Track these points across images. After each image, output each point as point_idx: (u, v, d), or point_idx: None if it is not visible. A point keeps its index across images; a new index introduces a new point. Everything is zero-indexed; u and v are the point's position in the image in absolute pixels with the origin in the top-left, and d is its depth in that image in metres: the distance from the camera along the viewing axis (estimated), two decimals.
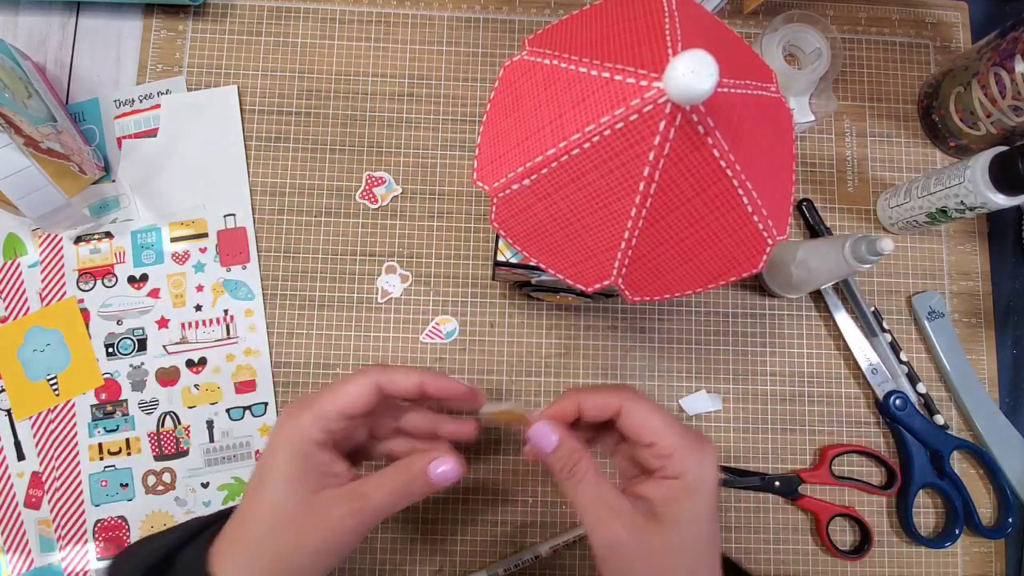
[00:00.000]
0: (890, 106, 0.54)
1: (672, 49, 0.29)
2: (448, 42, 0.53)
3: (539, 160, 0.31)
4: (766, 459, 0.49)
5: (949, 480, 0.48)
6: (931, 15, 0.55)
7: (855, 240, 0.40)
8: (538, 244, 0.35)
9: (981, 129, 0.48)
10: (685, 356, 0.50)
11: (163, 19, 0.52)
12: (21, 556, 0.46)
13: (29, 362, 0.48)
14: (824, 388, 0.50)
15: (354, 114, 0.52)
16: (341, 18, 0.53)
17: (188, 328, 0.49)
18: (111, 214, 0.49)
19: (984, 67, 0.46)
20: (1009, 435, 0.49)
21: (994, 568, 0.49)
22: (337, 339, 0.49)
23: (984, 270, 0.52)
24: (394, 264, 0.50)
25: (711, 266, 0.33)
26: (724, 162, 0.29)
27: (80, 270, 0.49)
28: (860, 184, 0.53)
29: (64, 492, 0.47)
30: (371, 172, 0.51)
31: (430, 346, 0.50)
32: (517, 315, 0.50)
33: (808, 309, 0.51)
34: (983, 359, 0.51)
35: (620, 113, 0.28)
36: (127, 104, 0.51)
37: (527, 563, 0.46)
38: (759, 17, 0.55)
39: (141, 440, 0.48)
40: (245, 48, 0.52)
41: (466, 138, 0.52)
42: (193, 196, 0.50)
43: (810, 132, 0.53)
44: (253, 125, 0.51)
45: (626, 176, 0.30)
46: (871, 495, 0.49)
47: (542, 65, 0.33)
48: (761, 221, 0.31)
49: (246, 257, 0.50)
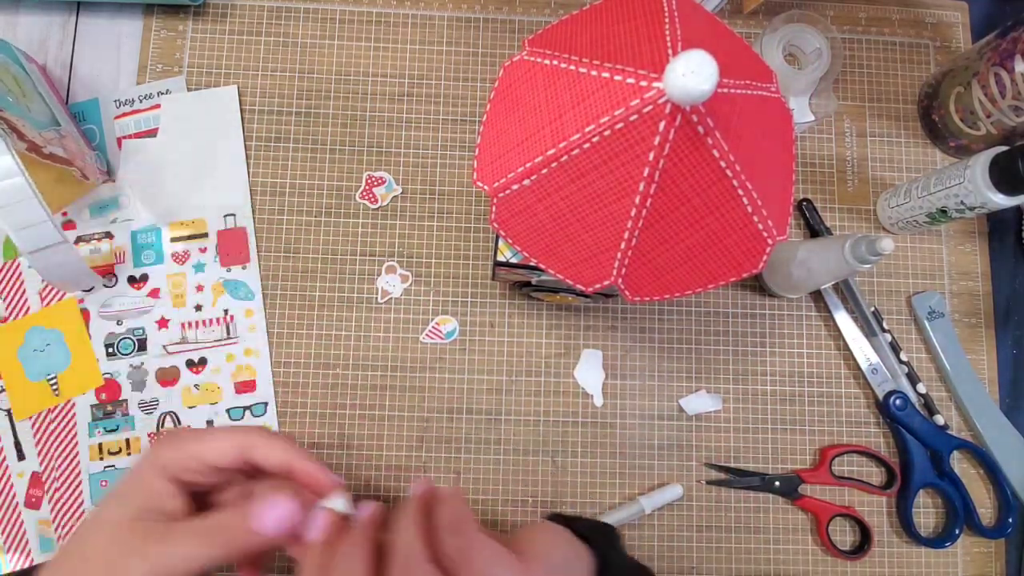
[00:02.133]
0: (890, 106, 0.54)
1: (672, 49, 0.29)
2: (448, 42, 0.53)
3: (539, 160, 0.31)
4: (766, 459, 0.49)
5: (949, 480, 0.48)
6: (931, 15, 0.55)
7: (855, 240, 0.40)
8: (538, 244, 0.35)
9: (981, 129, 0.48)
10: (685, 356, 0.50)
11: (163, 19, 0.52)
12: (21, 556, 0.46)
13: (29, 362, 0.48)
14: (824, 388, 0.50)
15: (354, 114, 0.52)
16: (341, 18, 0.53)
17: (188, 328, 0.49)
18: (111, 214, 0.49)
19: (984, 67, 0.46)
20: (1009, 435, 0.49)
21: (994, 568, 0.49)
22: (337, 339, 0.49)
23: (984, 270, 0.52)
24: (394, 264, 0.50)
25: (711, 266, 0.33)
26: (724, 162, 0.29)
27: None
28: (860, 184, 0.53)
29: (64, 492, 0.47)
30: (371, 172, 0.51)
31: (430, 346, 0.50)
32: (517, 315, 0.50)
33: (808, 309, 0.51)
34: (983, 359, 0.51)
35: (620, 113, 0.28)
36: (127, 104, 0.51)
37: None
38: (759, 17, 0.55)
39: (141, 440, 0.48)
40: (245, 48, 0.52)
41: (466, 138, 0.52)
42: (193, 196, 0.50)
43: (810, 132, 0.53)
44: (253, 125, 0.51)
45: (626, 176, 0.30)
46: (871, 495, 0.49)
47: (542, 65, 0.33)
48: (761, 221, 0.31)
49: (246, 257, 0.50)
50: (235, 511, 0.31)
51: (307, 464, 0.33)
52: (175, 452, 0.32)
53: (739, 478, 0.48)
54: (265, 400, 0.48)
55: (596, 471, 0.49)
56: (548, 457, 0.49)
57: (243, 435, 0.33)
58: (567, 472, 0.49)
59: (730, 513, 0.49)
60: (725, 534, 0.48)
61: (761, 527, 0.49)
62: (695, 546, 0.48)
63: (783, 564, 0.48)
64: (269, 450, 0.33)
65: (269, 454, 0.33)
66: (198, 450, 0.32)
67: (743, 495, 0.49)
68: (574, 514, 0.46)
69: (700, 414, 0.49)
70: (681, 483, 0.48)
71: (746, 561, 0.48)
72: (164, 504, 0.31)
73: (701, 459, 0.49)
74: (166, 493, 0.31)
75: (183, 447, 0.32)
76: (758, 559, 0.48)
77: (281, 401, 0.49)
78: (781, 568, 0.48)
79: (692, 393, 0.50)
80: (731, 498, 0.49)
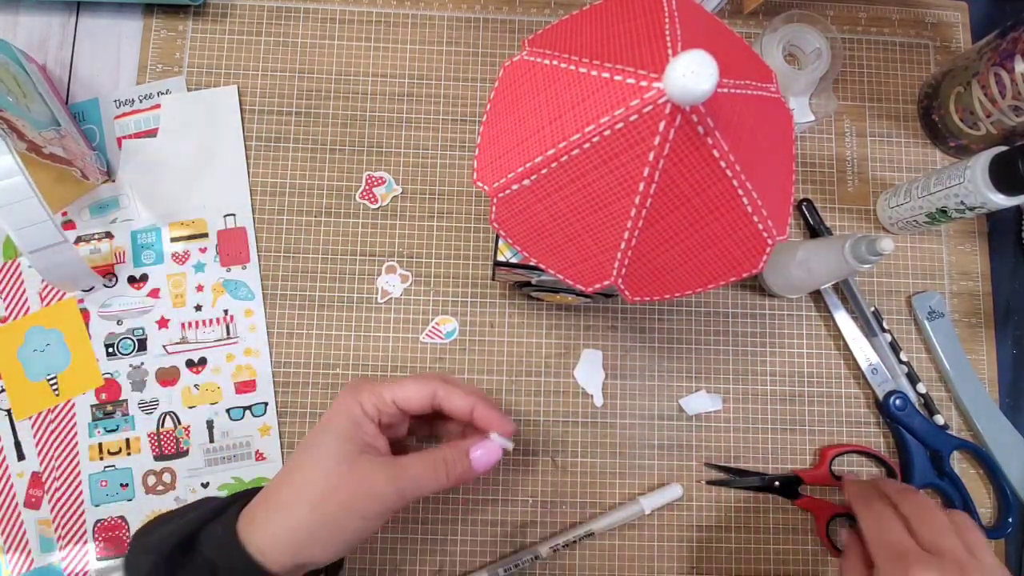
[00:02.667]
0: (890, 106, 0.54)
1: (672, 49, 0.29)
2: (448, 42, 0.53)
3: (539, 160, 0.31)
4: (766, 459, 0.49)
5: (949, 480, 0.48)
6: (931, 15, 0.55)
7: (855, 240, 0.40)
8: (538, 244, 0.35)
9: (981, 129, 0.48)
10: (685, 356, 0.50)
11: (163, 19, 0.52)
12: (21, 556, 0.46)
13: (29, 362, 0.48)
14: (824, 388, 0.50)
15: (354, 114, 0.52)
16: (341, 18, 0.53)
17: (188, 328, 0.49)
18: (111, 214, 0.49)
19: (984, 67, 0.46)
20: (1009, 435, 0.49)
21: None
22: (337, 339, 0.49)
23: (984, 270, 0.52)
24: (394, 264, 0.50)
25: (711, 266, 0.33)
26: (724, 162, 0.29)
27: None
28: (860, 184, 0.53)
29: (64, 492, 0.47)
30: (371, 172, 0.51)
31: (430, 346, 0.50)
32: (517, 315, 0.50)
33: (808, 309, 0.51)
34: (983, 359, 0.51)
35: (620, 113, 0.28)
36: (127, 104, 0.51)
37: (527, 563, 0.46)
38: (759, 17, 0.55)
39: (141, 440, 0.48)
40: (245, 48, 0.52)
41: (466, 138, 0.52)
42: (193, 196, 0.50)
43: (810, 132, 0.53)
44: (253, 125, 0.51)
45: (626, 176, 0.30)
46: None
47: (542, 65, 0.33)
48: (761, 221, 0.31)
49: (246, 257, 0.50)
50: (457, 449, 0.36)
51: (488, 410, 0.37)
52: (376, 398, 0.36)
53: (739, 478, 0.48)
54: (265, 400, 0.48)
55: (596, 471, 0.49)
56: (548, 457, 0.49)
57: (431, 383, 0.37)
58: (567, 472, 0.49)
59: (730, 513, 0.49)
60: (725, 534, 0.48)
61: (761, 527, 0.49)
62: (695, 546, 0.48)
63: (783, 564, 0.48)
64: (456, 399, 0.37)
65: (456, 401, 0.37)
66: (396, 396, 0.36)
67: (743, 495, 0.49)
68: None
69: (700, 414, 0.49)
70: (681, 483, 0.48)
71: (746, 561, 0.48)
72: (378, 444, 0.35)
73: (701, 459, 0.49)
74: (376, 434, 0.36)
75: (382, 393, 0.36)
76: (758, 559, 0.48)
77: (281, 401, 0.49)
78: (781, 568, 0.48)
79: (692, 393, 0.50)
80: (731, 498, 0.49)
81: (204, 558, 0.31)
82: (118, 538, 0.47)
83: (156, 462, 0.47)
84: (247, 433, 0.48)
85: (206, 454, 0.48)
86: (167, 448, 0.48)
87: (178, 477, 0.47)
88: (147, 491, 0.47)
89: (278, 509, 0.33)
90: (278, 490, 0.34)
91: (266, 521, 0.32)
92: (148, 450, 0.47)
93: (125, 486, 0.47)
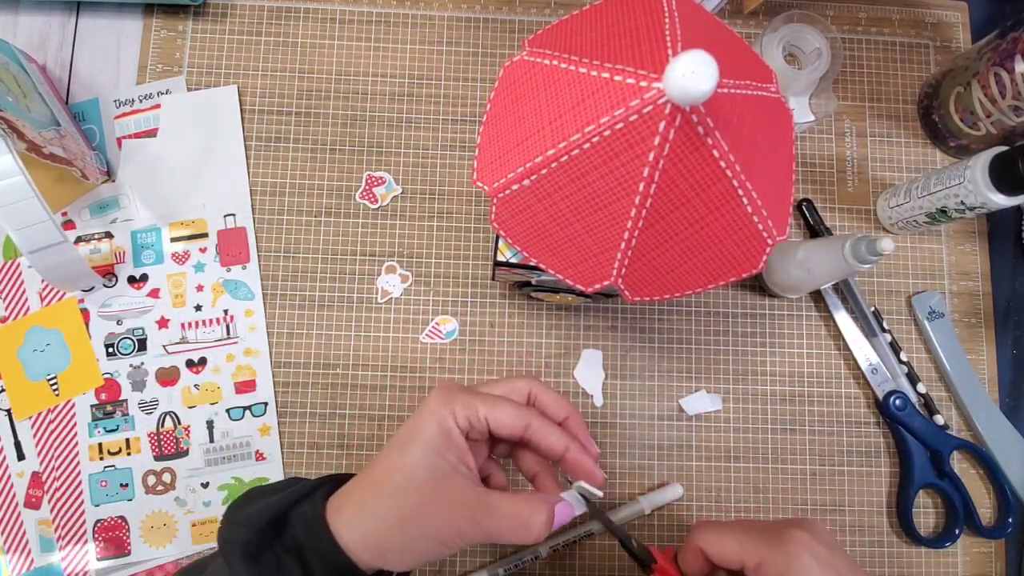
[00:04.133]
0: (890, 106, 0.54)
1: (672, 50, 0.29)
2: (448, 42, 0.53)
3: (539, 160, 0.31)
4: (766, 459, 0.49)
5: (949, 480, 0.48)
6: (931, 15, 0.55)
7: (855, 240, 0.40)
8: (538, 244, 0.35)
9: (981, 129, 0.48)
10: (685, 356, 0.50)
11: (163, 19, 0.52)
12: (21, 556, 0.46)
13: (29, 362, 0.48)
14: (824, 388, 0.50)
15: (354, 114, 0.52)
16: (341, 18, 0.53)
17: (188, 328, 0.49)
18: (111, 214, 0.49)
19: (984, 67, 0.46)
20: (1009, 435, 0.49)
21: (994, 568, 0.49)
22: (337, 339, 0.49)
23: (984, 270, 0.52)
24: (394, 264, 0.50)
25: (711, 266, 0.33)
26: (724, 162, 0.29)
27: None
28: (860, 184, 0.53)
29: (64, 492, 0.47)
30: (371, 172, 0.51)
31: (430, 346, 0.50)
32: (517, 315, 0.50)
33: (808, 309, 0.51)
34: (983, 359, 0.51)
35: (620, 114, 0.28)
36: (127, 104, 0.51)
37: (527, 563, 0.46)
38: (759, 17, 0.55)
39: (141, 440, 0.48)
40: (245, 48, 0.52)
41: (466, 138, 0.52)
42: (193, 196, 0.50)
43: (810, 132, 0.53)
44: (253, 125, 0.51)
45: (626, 176, 0.30)
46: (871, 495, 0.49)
47: (542, 65, 0.33)
48: (761, 221, 0.31)
49: (246, 257, 0.50)
50: (535, 505, 0.32)
51: (580, 457, 0.34)
52: (470, 412, 0.33)
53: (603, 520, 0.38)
54: (265, 400, 0.48)
55: None
56: None
57: (527, 415, 0.34)
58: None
59: (730, 513, 0.49)
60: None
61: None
62: None
63: None
64: (552, 436, 0.34)
65: (551, 440, 0.34)
66: (490, 417, 0.33)
67: (743, 495, 0.49)
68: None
69: (700, 414, 0.49)
70: (681, 483, 0.48)
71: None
72: (468, 461, 0.33)
73: (701, 459, 0.49)
74: (466, 449, 0.33)
75: (477, 409, 0.33)
76: None
77: (281, 401, 0.49)
78: None
79: (692, 393, 0.50)
80: (731, 498, 0.49)
81: (293, 538, 0.31)
82: (118, 538, 0.47)
83: (156, 462, 0.47)
84: (247, 433, 0.48)
85: (206, 454, 0.48)
86: (167, 448, 0.48)
87: (178, 477, 0.47)
88: (147, 491, 0.47)
89: (370, 512, 0.32)
90: (373, 489, 0.32)
91: (356, 519, 0.31)
92: (148, 450, 0.47)
93: (125, 486, 0.47)
